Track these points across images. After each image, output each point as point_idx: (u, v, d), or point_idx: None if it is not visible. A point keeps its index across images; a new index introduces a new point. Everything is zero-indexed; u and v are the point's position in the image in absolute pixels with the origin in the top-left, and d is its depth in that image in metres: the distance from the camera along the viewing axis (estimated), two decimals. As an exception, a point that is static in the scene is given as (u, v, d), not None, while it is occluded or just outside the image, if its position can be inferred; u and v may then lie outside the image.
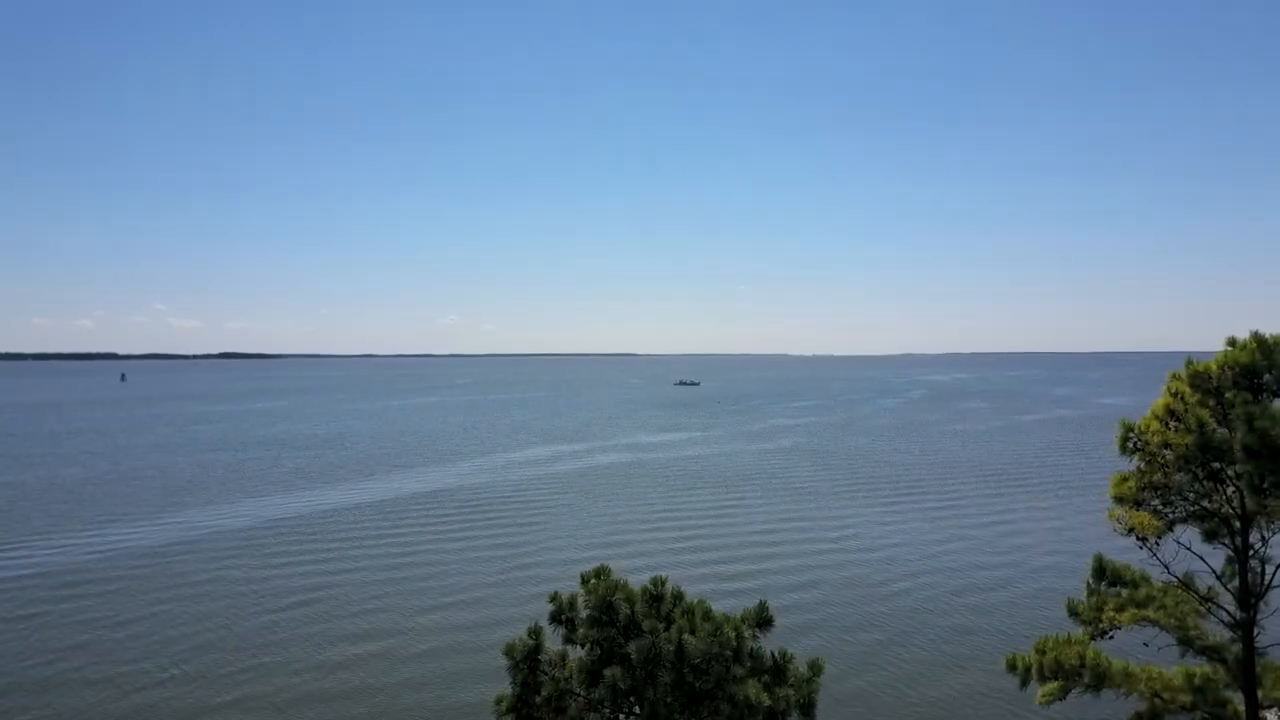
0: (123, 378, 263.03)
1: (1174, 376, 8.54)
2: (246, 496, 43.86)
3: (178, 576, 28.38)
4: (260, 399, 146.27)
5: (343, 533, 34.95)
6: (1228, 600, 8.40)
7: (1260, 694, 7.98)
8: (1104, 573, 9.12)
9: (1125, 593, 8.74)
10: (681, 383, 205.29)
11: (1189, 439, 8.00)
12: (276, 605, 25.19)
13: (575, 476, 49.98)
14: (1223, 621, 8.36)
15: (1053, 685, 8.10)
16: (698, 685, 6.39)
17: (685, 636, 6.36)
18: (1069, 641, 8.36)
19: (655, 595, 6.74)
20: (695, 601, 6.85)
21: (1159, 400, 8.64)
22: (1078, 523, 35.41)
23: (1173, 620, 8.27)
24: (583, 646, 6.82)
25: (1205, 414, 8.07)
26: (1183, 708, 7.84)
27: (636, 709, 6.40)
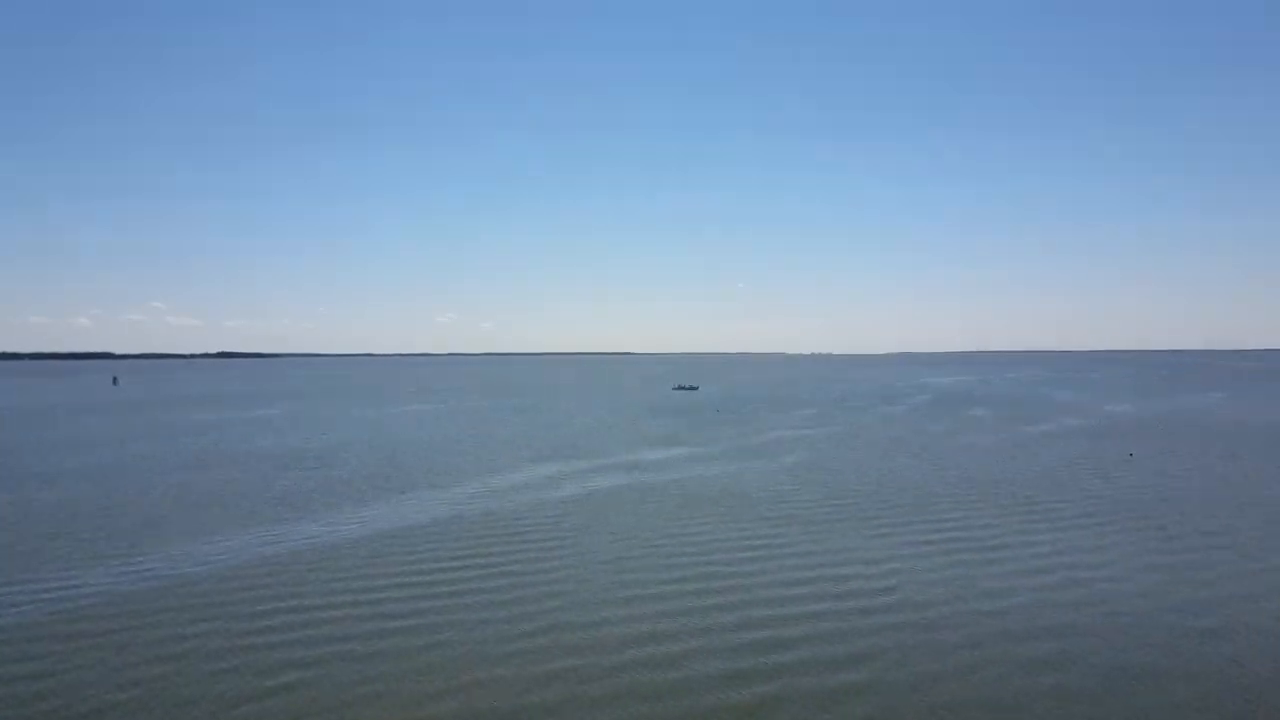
0: (115, 380, 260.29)
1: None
2: (226, 527, 41.54)
3: (139, 638, 26.09)
4: (253, 405, 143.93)
5: (320, 580, 32.64)
6: None
7: None
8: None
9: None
10: (680, 387, 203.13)
11: None
12: (247, 691, 22.90)
13: (572, 505, 47.73)
14: None
15: None
16: None
17: None
18: None
19: None
20: None
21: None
22: (1119, 562, 33.14)
23: None
24: None
25: None
26: None
27: None
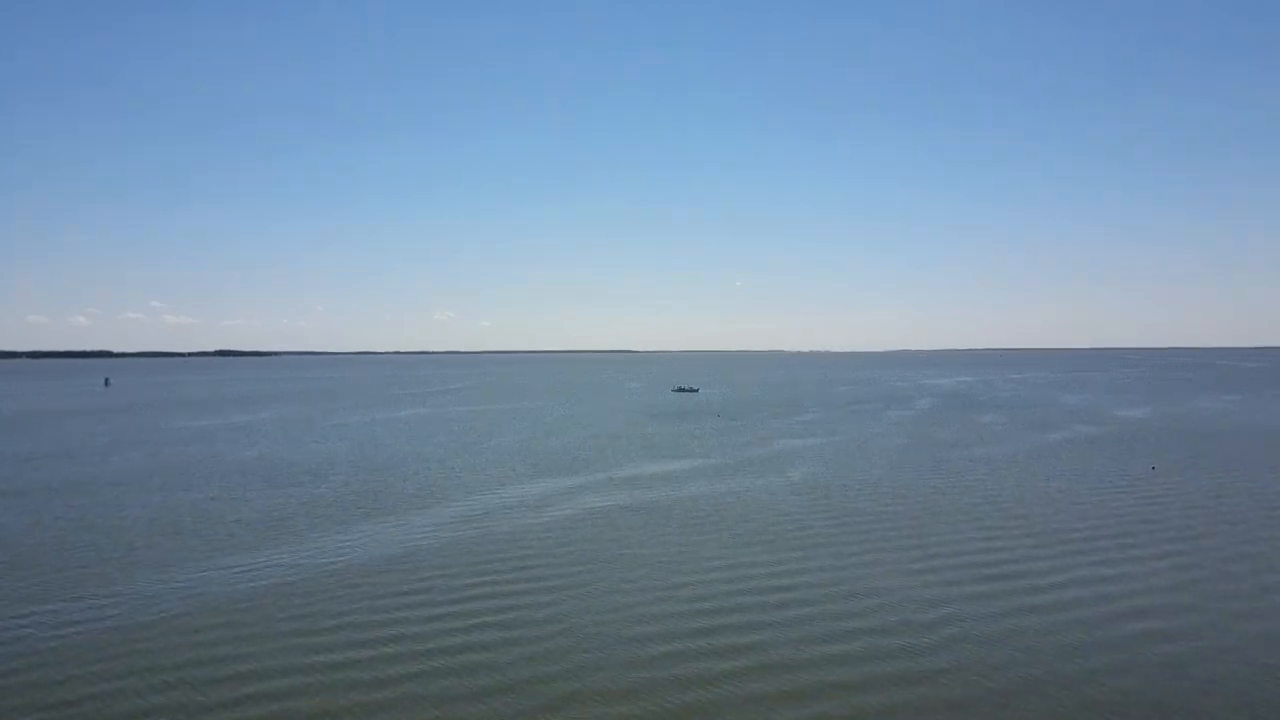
0: (106, 382, 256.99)
1: None
2: (200, 556, 38.57)
3: (96, 683, 23.15)
4: (244, 410, 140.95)
5: (294, 618, 29.69)
6: None
7: None
8: None
9: None
10: (680, 389, 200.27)
11: None
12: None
13: (572, 528, 44.83)
14: None
15: None
16: None
17: None
18: None
19: None
20: None
21: None
22: (1166, 594, 30.13)
23: None
24: None
25: None
26: None
27: None
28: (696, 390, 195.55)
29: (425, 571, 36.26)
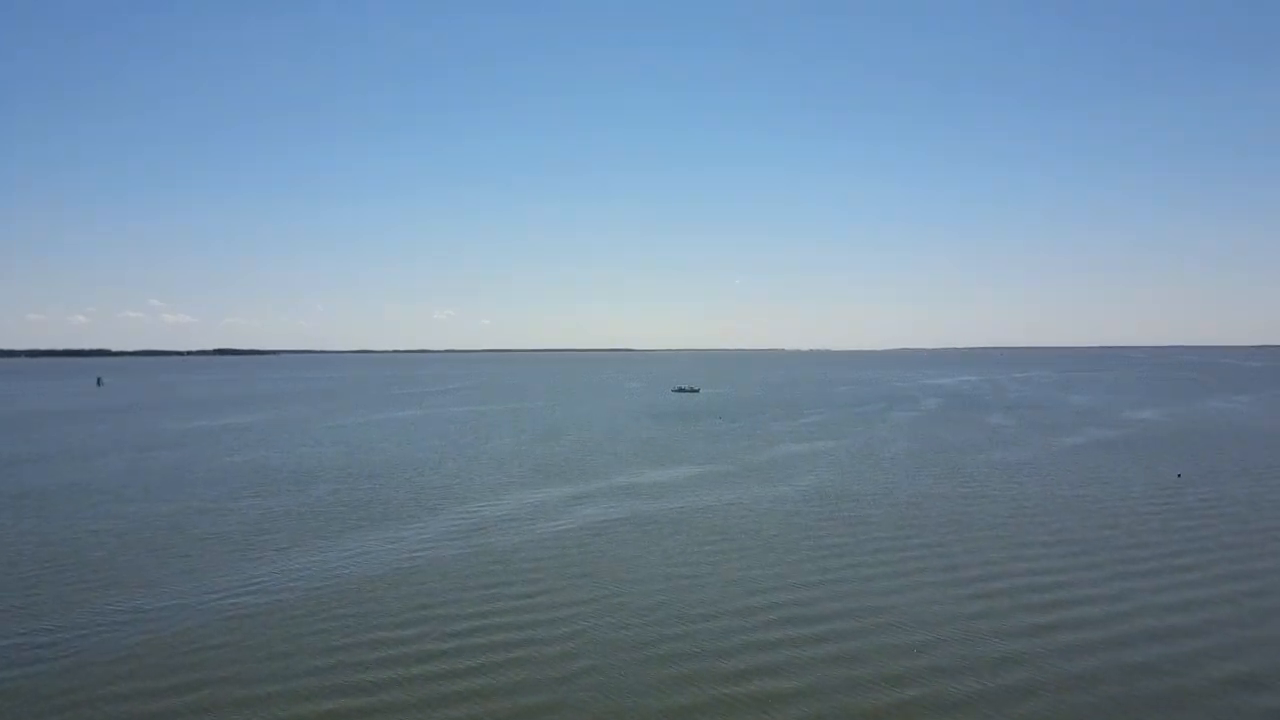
0: (99, 382, 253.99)
1: None
2: (168, 577, 35.91)
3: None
4: (238, 410, 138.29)
5: (262, 655, 27.00)
6: None
7: None
8: None
9: None
10: (680, 389, 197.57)
11: None
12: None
13: (568, 543, 42.19)
14: None
15: None
16: None
17: None
18: None
19: None
20: None
21: None
22: (1223, 626, 27.48)
23: None
24: None
25: None
26: None
27: None
28: (697, 390, 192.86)
29: (416, 591, 33.59)
